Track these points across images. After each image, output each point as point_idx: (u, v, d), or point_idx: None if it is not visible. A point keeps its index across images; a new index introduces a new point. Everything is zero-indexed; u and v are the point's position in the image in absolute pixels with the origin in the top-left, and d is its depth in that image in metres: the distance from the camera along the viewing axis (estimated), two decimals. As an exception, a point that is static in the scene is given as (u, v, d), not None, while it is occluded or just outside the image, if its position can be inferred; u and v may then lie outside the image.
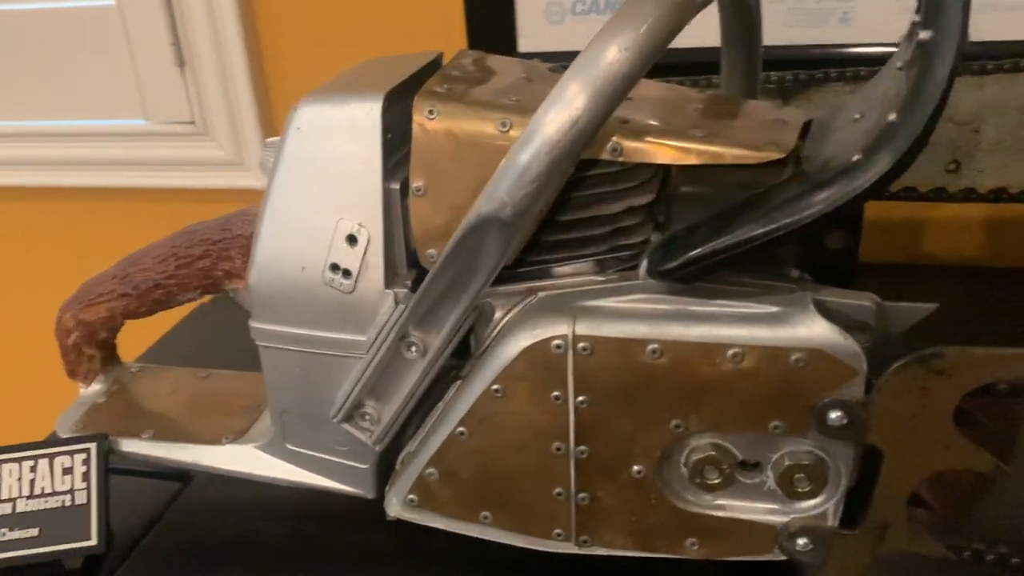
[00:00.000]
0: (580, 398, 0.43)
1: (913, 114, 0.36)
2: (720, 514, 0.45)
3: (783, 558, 0.45)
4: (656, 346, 0.41)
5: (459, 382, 0.47)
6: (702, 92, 0.50)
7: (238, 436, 0.55)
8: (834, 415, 0.41)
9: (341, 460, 0.52)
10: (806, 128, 0.45)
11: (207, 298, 0.58)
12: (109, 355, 0.62)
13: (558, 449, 0.44)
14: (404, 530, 0.51)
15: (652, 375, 0.42)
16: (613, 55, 0.37)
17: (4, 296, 1.15)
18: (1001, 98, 0.69)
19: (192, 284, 0.55)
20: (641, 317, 0.42)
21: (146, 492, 0.62)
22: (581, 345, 0.42)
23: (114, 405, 0.60)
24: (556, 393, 0.43)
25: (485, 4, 0.84)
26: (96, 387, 0.61)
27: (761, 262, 0.44)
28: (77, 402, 0.61)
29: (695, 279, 0.41)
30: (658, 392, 0.42)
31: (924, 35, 0.35)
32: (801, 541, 0.44)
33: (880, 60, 0.46)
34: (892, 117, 0.36)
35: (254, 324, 0.50)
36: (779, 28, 0.80)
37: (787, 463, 0.43)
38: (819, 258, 0.44)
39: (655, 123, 0.44)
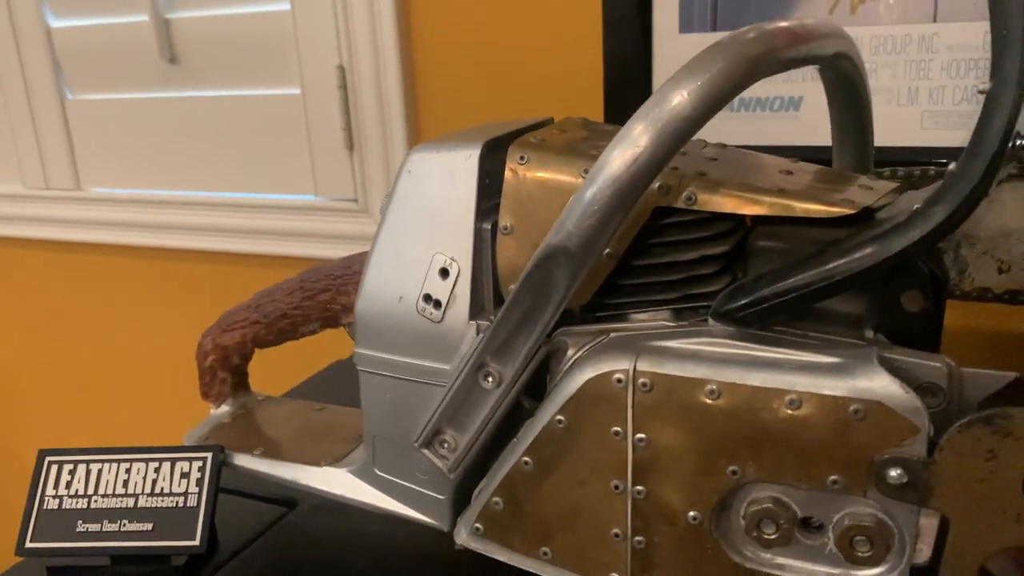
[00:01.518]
0: (639, 435, 0.44)
1: (972, 162, 0.36)
2: (779, 574, 0.44)
3: (843, 630, 0.43)
4: (714, 387, 0.42)
5: (532, 419, 0.49)
6: (795, 162, 0.52)
7: (336, 461, 0.59)
8: (894, 472, 0.39)
9: (421, 489, 0.54)
10: (897, 194, 0.45)
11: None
12: (240, 381, 0.68)
13: (616, 487, 0.45)
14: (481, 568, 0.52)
15: (709, 416, 0.42)
16: (677, 99, 0.39)
17: (181, 347, 1.28)
18: None
19: (313, 316, 0.61)
20: (703, 358, 0.43)
21: (255, 512, 0.67)
22: (641, 381, 0.43)
23: (236, 426, 0.66)
24: (616, 428, 0.44)
25: (622, 70, 0.88)
26: (224, 409, 0.67)
27: (839, 324, 0.45)
28: (206, 420, 0.67)
29: (754, 322, 0.42)
30: (715, 434, 0.42)
31: (984, 86, 0.36)
32: (866, 612, 0.42)
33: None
34: (951, 167, 0.37)
35: (357, 350, 0.54)
36: (916, 131, 0.80)
37: (847, 523, 0.42)
38: (897, 321, 0.44)
39: (732, 178, 0.45)
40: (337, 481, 0.58)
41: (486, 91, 0.99)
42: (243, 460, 0.61)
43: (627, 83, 0.88)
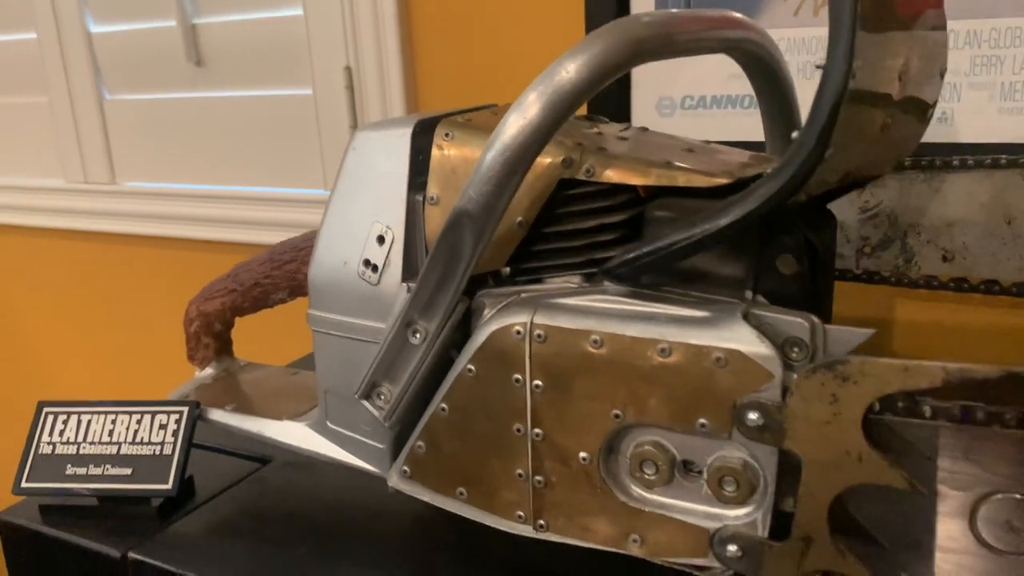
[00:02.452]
0: (536, 382, 0.49)
1: (809, 130, 0.40)
2: (660, 512, 0.48)
3: (716, 565, 0.47)
4: (597, 337, 0.46)
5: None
6: (707, 143, 0.56)
7: (296, 416, 0.65)
8: (752, 416, 0.43)
9: (366, 440, 0.59)
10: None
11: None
12: (223, 347, 0.74)
13: (518, 431, 0.50)
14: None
15: (593, 364, 0.47)
16: (564, 73, 0.44)
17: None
18: (1087, 192, 0.68)
19: (282, 284, 0.67)
20: (591, 313, 0.47)
21: (231, 467, 0.73)
22: (537, 332, 0.48)
23: (216, 386, 0.72)
24: (517, 376, 0.49)
25: (603, 96, 0.93)
26: (208, 371, 0.74)
27: (722, 286, 0.49)
28: (190, 381, 0.73)
29: (632, 277, 0.46)
30: (599, 381, 0.47)
31: (820, 62, 0.40)
32: (732, 548, 0.46)
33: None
34: (794, 135, 0.41)
35: (309, 311, 0.60)
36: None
37: (717, 465, 0.46)
38: (774, 283, 0.48)
39: (631, 154, 0.50)
40: (295, 434, 0.64)
41: (484, 90, 1.05)
42: (216, 415, 0.67)
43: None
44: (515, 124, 0.45)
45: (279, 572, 0.59)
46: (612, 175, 0.49)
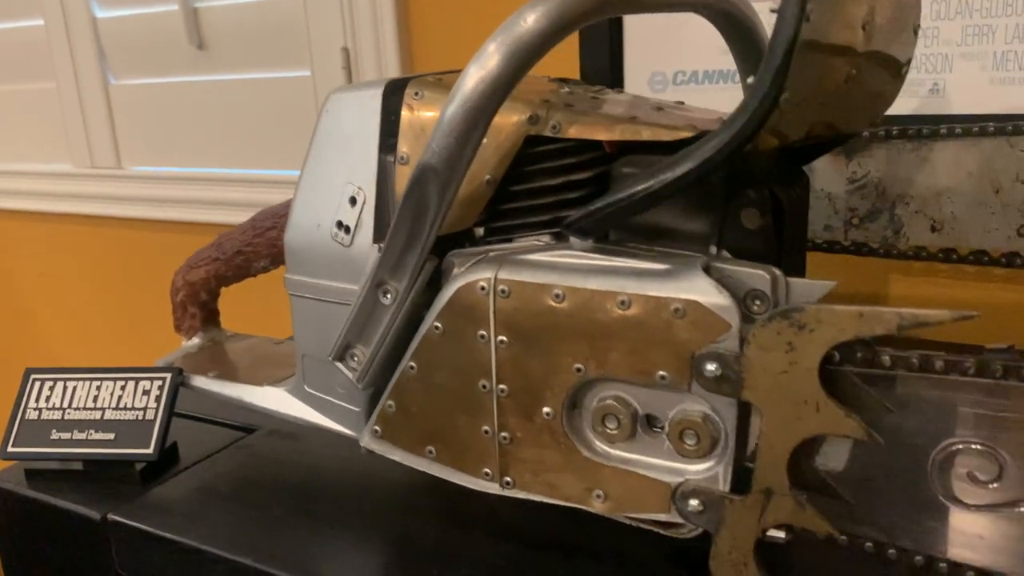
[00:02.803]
0: (500, 338, 0.49)
1: (764, 75, 0.40)
2: (623, 467, 0.48)
3: (679, 520, 0.47)
4: (559, 291, 0.46)
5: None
6: (679, 104, 0.56)
7: (276, 382, 0.65)
8: (710, 366, 0.43)
9: (341, 403, 0.60)
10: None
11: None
12: (209, 316, 0.75)
13: (484, 387, 0.50)
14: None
15: (555, 318, 0.47)
16: (524, 24, 0.44)
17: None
18: (1074, 159, 0.67)
19: (263, 252, 0.67)
20: (554, 267, 0.47)
21: (216, 435, 0.74)
22: (501, 288, 0.48)
23: (202, 355, 0.73)
24: (482, 332, 0.49)
25: (596, 72, 0.93)
26: (195, 341, 0.74)
27: (688, 241, 0.49)
28: (177, 351, 0.74)
29: (593, 230, 0.46)
30: (561, 334, 0.47)
31: (774, 5, 0.39)
32: (693, 503, 0.46)
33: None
34: (750, 80, 0.41)
35: (286, 275, 0.60)
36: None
37: (678, 418, 0.45)
38: (739, 238, 0.48)
39: (597, 111, 0.50)
40: (274, 398, 0.64)
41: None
42: (199, 381, 0.68)
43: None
44: (474, 76, 0.45)
45: (255, 534, 0.60)
46: (577, 131, 0.49)
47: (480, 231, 0.54)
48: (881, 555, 0.44)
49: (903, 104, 0.81)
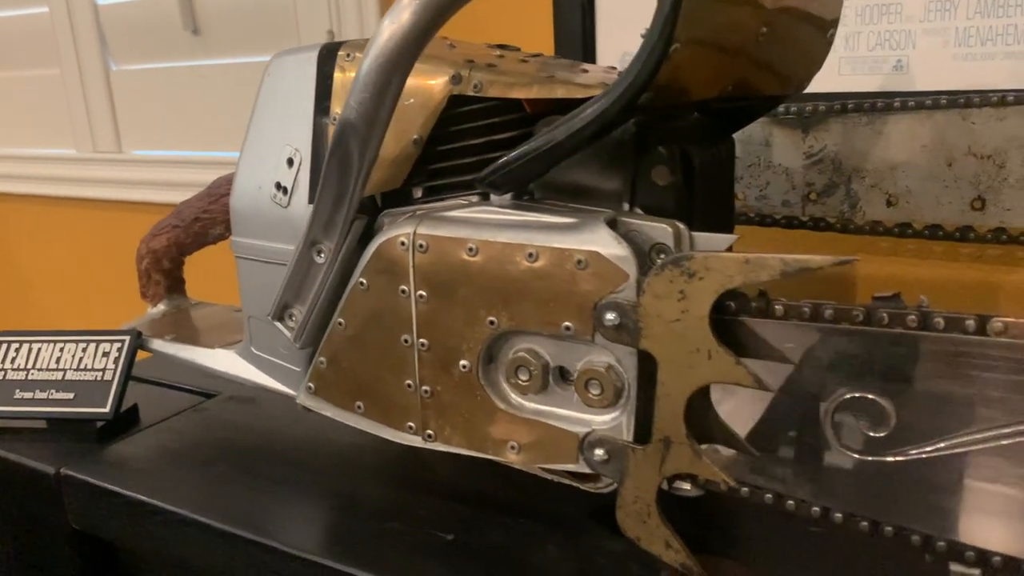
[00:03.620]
0: (420, 292, 0.50)
1: (653, 24, 0.40)
2: (535, 418, 0.48)
3: (587, 470, 0.47)
4: (473, 245, 0.47)
5: (353, 287, 0.55)
6: (611, 68, 0.56)
7: (227, 345, 0.67)
8: (609, 316, 0.44)
9: (284, 363, 0.61)
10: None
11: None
12: (173, 284, 0.76)
13: (406, 341, 0.51)
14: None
15: (469, 271, 0.48)
16: (435, -19, 0.45)
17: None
18: (1025, 131, 0.66)
19: (219, 218, 0.69)
20: (469, 223, 0.48)
21: (178, 400, 0.75)
22: (419, 243, 0.49)
23: (165, 321, 0.74)
24: (403, 287, 0.50)
25: (567, 53, 0.94)
26: (160, 308, 0.76)
27: (602, 198, 0.49)
28: (142, 317, 0.76)
29: (502, 184, 0.47)
30: (474, 288, 0.48)
31: (665, -41, 0.40)
32: (598, 452, 0.46)
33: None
34: (642, 32, 0.41)
35: (232, 238, 0.62)
36: (834, 76, 0.82)
37: (584, 369, 0.46)
38: (650, 195, 0.48)
39: (518, 71, 0.51)
40: (223, 360, 0.66)
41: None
42: (156, 344, 0.70)
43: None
44: (387, 29, 0.46)
45: (202, 490, 0.61)
46: (497, 90, 0.50)
47: (419, 192, 0.55)
48: (780, 507, 0.44)
49: (868, 81, 0.82)
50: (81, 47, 1.39)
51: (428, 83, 0.51)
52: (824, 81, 0.83)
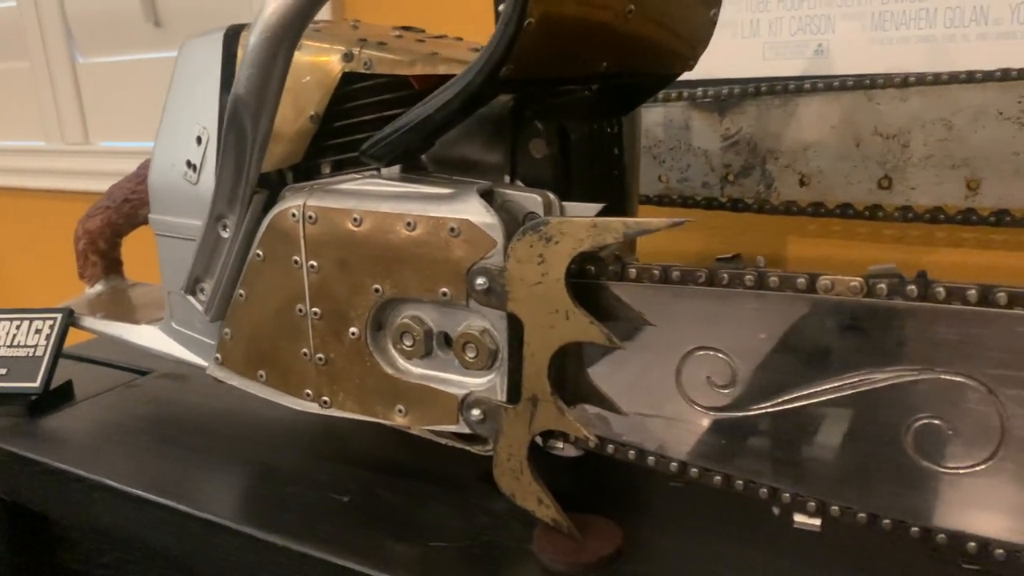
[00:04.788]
0: (311, 262, 0.52)
1: (506, 7, 0.42)
2: (420, 382, 0.50)
3: (467, 430, 0.49)
4: (357, 216, 0.49)
5: (262, 262, 0.57)
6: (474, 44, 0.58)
7: (152, 321, 0.69)
8: (479, 280, 0.46)
9: (201, 337, 0.63)
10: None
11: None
12: (110, 265, 0.78)
13: (300, 311, 0.53)
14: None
15: (354, 241, 0.50)
16: (314, -38, 0.47)
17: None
18: (927, 111, 0.68)
19: (146, 198, 0.71)
20: (356, 194, 0.50)
21: (112, 377, 0.78)
22: (309, 214, 0.51)
23: (101, 300, 0.77)
24: (295, 258, 0.52)
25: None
26: (97, 288, 0.78)
27: (484, 171, 0.51)
28: (80, 297, 0.78)
29: (385, 156, 0.49)
30: (360, 257, 0.50)
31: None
32: (475, 412, 0.48)
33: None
34: (501, 8, 0.43)
35: (150, 216, 0.64)
36: (759, 62, 0.84)
37: (461, 332, 0.48)
38: (529, 167, 0.50)
39: (407, 49, 0.53)
40: (147, 336, 0.68)
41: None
42: (88, 322, 0.72)
43: None
44: (271, 5, 0.48)
45: (124, 459, 0.63)
46: (385, 67, 0.52)
47: (327, 168, 0.57)
48: (642, 463, 0.46)
49: (791, 65, 0.84)
50: (48, 41, 1.41)
51: (323, 61, 0.53)
52: (750, 66, 0.85)
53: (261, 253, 0.54)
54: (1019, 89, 0.65)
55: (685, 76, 0.85)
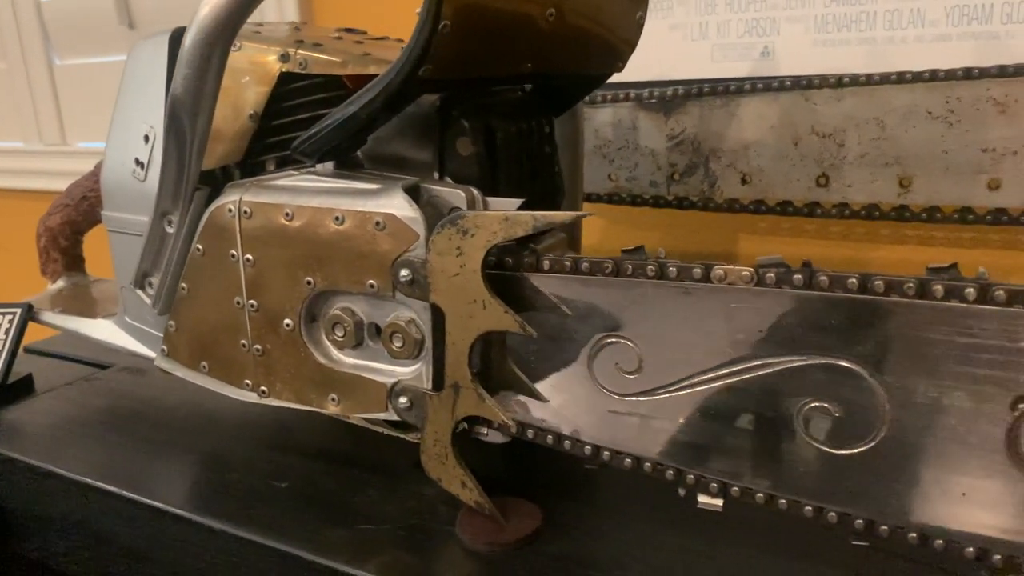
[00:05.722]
0: (247, 256, 0.53)
1: (422, 9, 0.44)
2: (351, 372, 0.52)
3: (395, 417, 0.51)
4: (289, 210, 0.51)
5: (206, 257, 0.59)
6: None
7: (108, 315, 0.71)
8: (403, 272, 0.48)
9: (152, 330, 0.65)
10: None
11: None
12: (72, 261, 0.80)
13: (238, 303, 0.55)
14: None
15: (287, 235, 0.51)
16: (245, -33, 0.49)
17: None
18: (860, 110, 0.70)
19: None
20: (290, 190, 0.52)
21: (73, 371, 0.79)
22: (244, 209, 0.53)
23: (61, 296, 0.78)
24: (232, 252, 0.54)
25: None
26: (59, 284, 0.80)
27: (414, 168, 0.53)
28: (42, 293, 0.80)
29: (314, 153, 0.51)
30: (292, 250, 0.51)
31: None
32: (402, 400, 0.50)
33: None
34: (418, 11, 0.45)
35: (102, 212, 0.66)
36: (708, 63, 0.86)
37: (390, 322, 0.50)
38: (456, 164, 0.52)
39: (341, 50, 0.55)
40: (102, 330, 0.69)
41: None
42: (47, 316, 0.74)
43: None
44: (206, 6, 0.50)
45: (83, 451, 0.65)
46: (319, 67, 0.54)
47: (271, 165, 0.59)
48: (559, 446, 0.48)
49: (739, 67, 0.86)
50: (26, 43, 1.43)
51: (261, 61, 0.55)
52: (700, 68, 0.87)
53: (201, 248, 0.55)
54: (946, 90, 0.67)
55: (634, 78, 0.87)
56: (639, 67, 0.87)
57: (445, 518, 0.51)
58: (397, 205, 0.48)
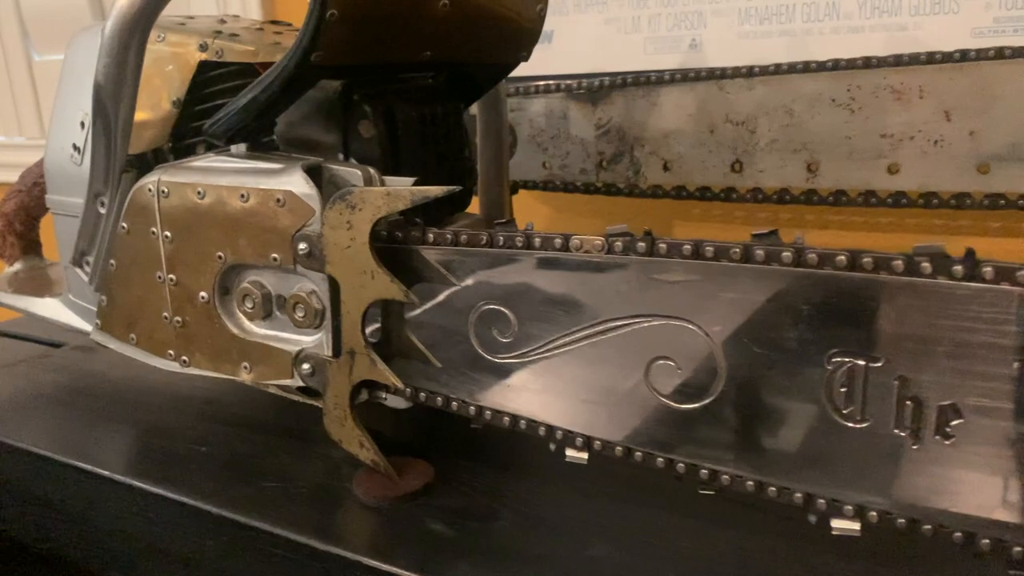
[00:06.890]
0: (166, 233, 0.57)
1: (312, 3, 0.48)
2: (261, 341, 0.56)
3: (300, 383, 0.55)
4: (201, 189, 0.55)
5: (136, 236, 0.62)
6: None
7: (56, 295, 0.74)
8: (301, 246, 0.51)
9: (91, 306, 0.68)
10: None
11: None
12: (28, 245, 0.84)
13: (159, 277, 0.58)
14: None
15: (199, 213, 0.55)
16: (158, -40, 0.53)
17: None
18: (771, 99, 0.74)
19: (52, 183, 0.76)
20: (203, 170, 0.56)
21: (27, 350, 0.83)
22: (162, 188, 0.56)
23: (18, 278, 0.82)
24: (153, 229, 0.58)
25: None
26: (16, 267, 0.84)
27: (322, 150, 0.57)
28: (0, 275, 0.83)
29: (223, 135, 0.55)
30: (204, 227, 0.55)
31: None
32: (305, 367, 0.54)
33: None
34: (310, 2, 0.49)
35: (46, 195, 0.69)
36: (640, 56, 0.89)
37: (293, 293, 0.54)
38: (359, 146, 0.56)
39: (257, 41, 0.58)
40: (50, 308, 0.73)
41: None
42: (1, 297, 0.77)
43: None
44: (123, -1, 0.53)
45: (31, 424, 0.69)
46: (233, 56, 0.57)
47: (201, 149, 0.63)
48: (447, 408, 0.52)
49: (669, 59, 0.89)
50: (5, 39, 1.47)
51: (181, 51, 0.59)
52: (632, 60, 0.91)
53: (126, 225, 0.59)
54: (848, 78, 0.70)
55: (571, 70, 0.91)
56: (575, 59, 0.91)
57: (347, 477, 0.55)
58: (295, 183, 0.51)
